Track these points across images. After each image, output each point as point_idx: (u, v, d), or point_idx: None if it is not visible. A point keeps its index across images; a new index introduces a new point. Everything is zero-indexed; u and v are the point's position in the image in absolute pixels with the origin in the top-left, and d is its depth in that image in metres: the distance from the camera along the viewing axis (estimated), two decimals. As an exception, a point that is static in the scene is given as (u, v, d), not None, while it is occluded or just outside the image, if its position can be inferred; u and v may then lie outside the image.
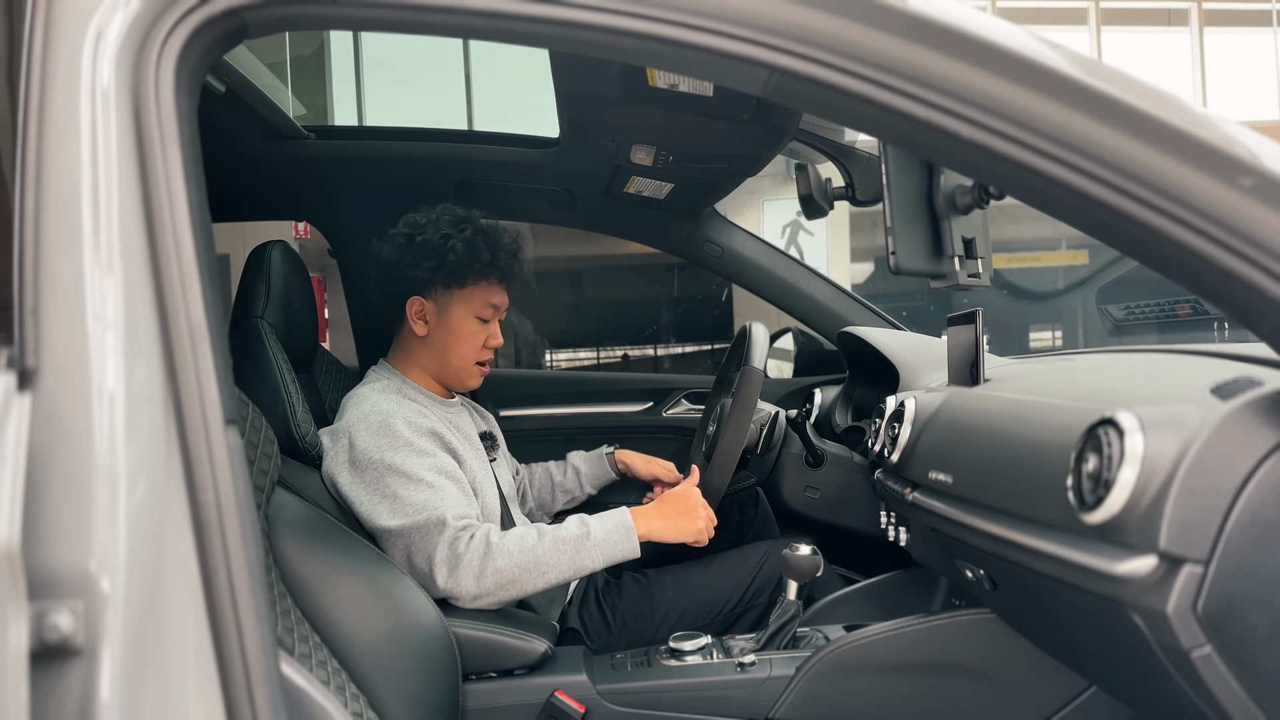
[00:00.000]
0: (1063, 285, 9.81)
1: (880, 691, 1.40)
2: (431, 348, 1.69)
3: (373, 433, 1.50)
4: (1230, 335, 6.92)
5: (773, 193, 7.94)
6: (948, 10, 0.74)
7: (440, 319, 1.67)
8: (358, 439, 1.50)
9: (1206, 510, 0.81)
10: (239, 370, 1.49)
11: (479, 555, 1.40)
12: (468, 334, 1.68)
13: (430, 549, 1.41)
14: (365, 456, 1.48)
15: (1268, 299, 0.72)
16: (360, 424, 1.52)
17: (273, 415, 1.40)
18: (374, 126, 3.90)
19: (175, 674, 0.62)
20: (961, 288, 0.99)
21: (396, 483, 1.46)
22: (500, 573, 1.40)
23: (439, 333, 1.68)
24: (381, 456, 1.47)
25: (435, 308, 1.67)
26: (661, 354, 8.65)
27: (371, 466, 1.48)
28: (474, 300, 1.67)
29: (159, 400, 0.64)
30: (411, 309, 1.67)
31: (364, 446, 1.49)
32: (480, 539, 1.42)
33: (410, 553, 1.43)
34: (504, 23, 0.72)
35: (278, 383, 1.46)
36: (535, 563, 1.42)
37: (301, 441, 1.45)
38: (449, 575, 1.40)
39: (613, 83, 1.57)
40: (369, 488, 1.47)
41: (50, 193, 0.63)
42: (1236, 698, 0.85)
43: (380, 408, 1.54)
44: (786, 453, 1.98)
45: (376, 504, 1.46)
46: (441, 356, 1.69)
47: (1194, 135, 0.73)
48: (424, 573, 1.41)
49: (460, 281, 1.65)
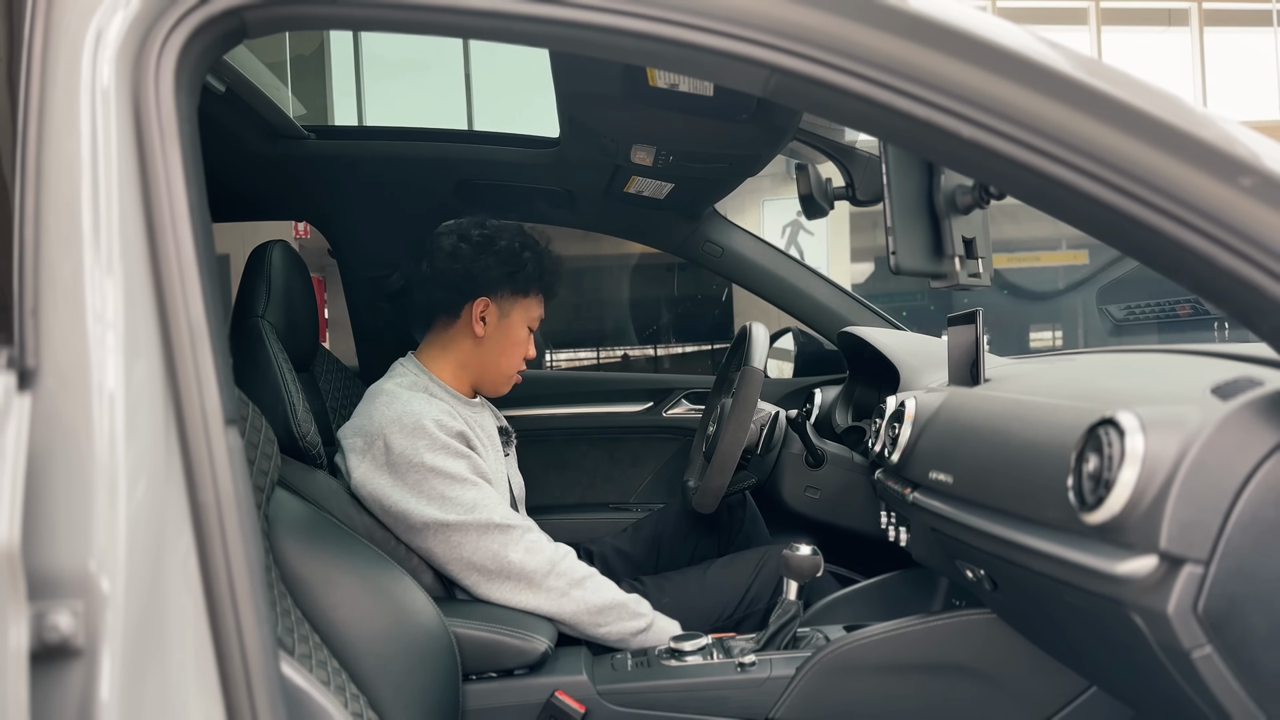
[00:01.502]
0: (1063, 285, 9.81)
1: (880, 691, 1.40)
2: (483, 350, 1.72)
3: (408, 434, 1.52)
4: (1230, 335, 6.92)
5: (773, 193, 7.94)
6: (948, 10, 0.74)
7: (500, 323, 1.71)
8: (394, 442, 1.51)
9: (1207, 510, 0.81)
10: (239, 370, 1.49)
11: (571, 578, 1.53)
12: (520, 342, 1.74)
13: (495, 548, 1.49)
14: (405, 459, 1.51)
15: (1268, 299, 0.72)
16: (394, 425, 1.53)
17: (273, 415, 1.40)
18: (374, 126, 3.90)
19: (175, 674, 0.62)
20: (962, 288, 0.98)
21: (442, 484, 1.51)
22: (576, 600, 1.52)
23: (496, 336, 1.71)
24: (422, 459, 1.50)
25: (498, 312, 1.71)
26: (661, 354, 8.66)
27: (413, 469, 1.50)
28: (530, 311, 1.74)
29: (159, 400, 0.64)
30: (477, 309, 1.70)
31: (402, 449, 1.51)
32: (570, 557, 1.56)
33: (462, 548, 1.49)
34: (504, 23, 0.72)
35: (278, 382, 1.46)
36: (604, 608, 1.54)
37: (302, 441, 1.45)
38: (525, 572, 1.50)
39: (613, 82, 1.57)
40: (413, 490, 1.50)
41: (50, 193, 0.63)
42: (1237, 698, 0.85)
43: (412, 408, 1.55)
44: (786, 453, 1.98)
45: (424, 504, 1.50)
46: (491, 360, 1.72)
47: (1194, 135, 0.73)
48: (488, 569, 1.49)
49: (524, 291, 1.72)
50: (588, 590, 1.53)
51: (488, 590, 1.50)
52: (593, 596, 1.53)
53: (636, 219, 2.37)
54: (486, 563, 1.49)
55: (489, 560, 1.49)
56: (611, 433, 2.60)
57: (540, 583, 1.51)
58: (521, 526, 1.54)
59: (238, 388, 1.48)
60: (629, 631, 1.55)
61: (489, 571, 1.50)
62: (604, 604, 1.54)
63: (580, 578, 1.54)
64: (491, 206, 2.37)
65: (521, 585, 1.50)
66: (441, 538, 1.50)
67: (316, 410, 1.77)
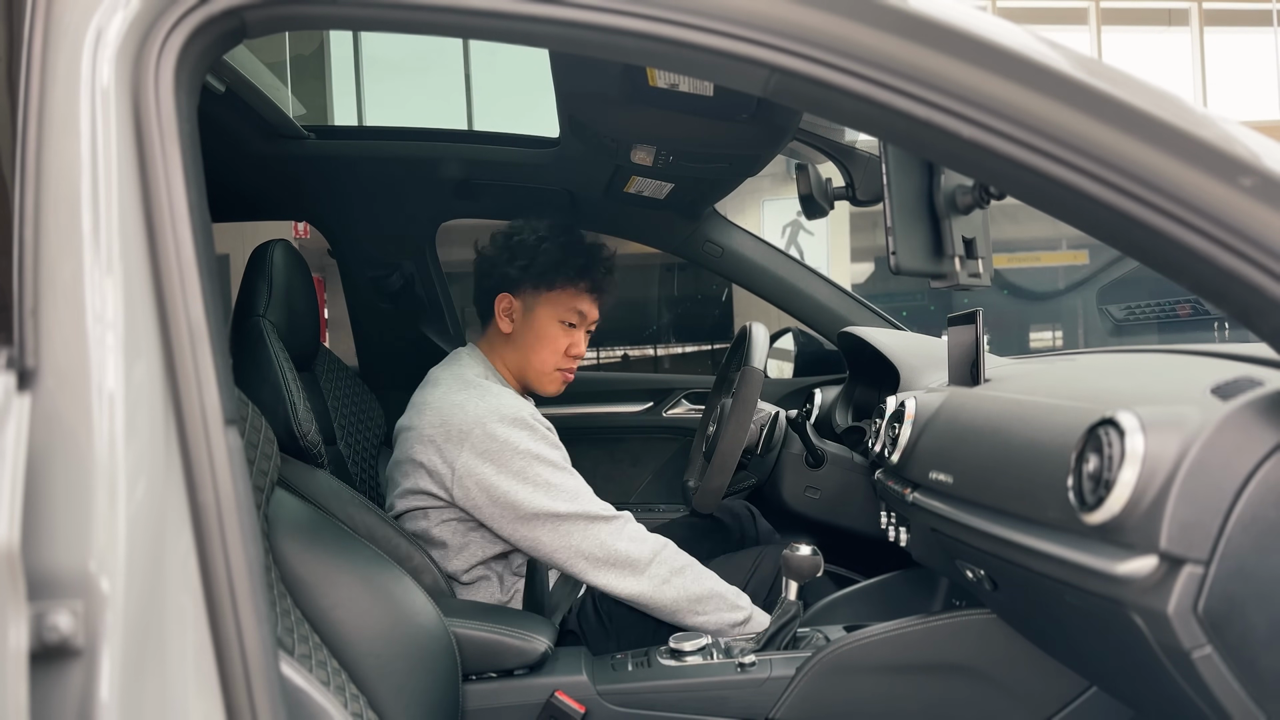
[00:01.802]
0: (1063, 285, 9.81)
1: (880, 692, 1.40)
2: (515, 347, 1.74)
3: (509, 424, 1.56)
4: (1230, 335, 6.92)
5: (773, 193, 7.94)
6: (948, 10, 0.74)
7: (525, 318, 1.72)
8: (496, 431, 1.55)
9: (1207, 510, 0.81)
10: (240, 369, 1.49)
11: (672, 565, 1.56)
12: (550, 337, 1.72)
13: (604, 537, 1.54)
14: (511, 447, 1.55)
15: (1268, 299, 0.72)
16: (493, 416, 1.57)
17: (274, 414, 1.40)
18: (374, 126, 3.90)
19: (175, 674, 0.61)
20: (962, 288, 0.98)
21: (546, 471, 1.55)
22: (677, 587, 1.55)
23: (523, 332, 1.73)
24: (528, 447, 1.55)
25: (522, 307, 1.72)
26: (661, 354, 8.65)
27: (518, 455, 1.55)
28: (559, 305, 1.72)
29: (159, 400, 0.64)
30: (500, 305, 1.72)
31: (506, 438, 1.55)
32: (670, 546, 1.59)
33: (571, 536, 1.54)
34: (504, 23, 0.72)
35: (279, 381, 1.46)
36: (704, 597, 1.57)
37: (303, 440, 1.45)
38: (631, 560, 1.54)
39: (613, 82, 1.57)
40: (518, 477, 1.54)
41: (50, 193, 0.63)
42: (1237, 698, 0.85)
43: (506, 401, 1.60)
44: (786, 453, 1.98)
45: (532, 491, 1.54)
46: (524, 357, 1.74)
47: (1194, 135, 0.73)
48: (596, 556, 1.54)
49: (548, 284, 1.71)
50: (688, 578, 1.57)
51: (594, 577, 1.55)
52: (693, 585, 1.57)
53: (636, 219, 2.37)
54: (595, 550, 1.54)
55: (597, 548, 1.54)
56: (611, 433, 2.60)
57: (644, 569, 1.55)
58: (622, 516, 1.59)
59: (238, 387, 1.49)
60: (727, 622, 1.58)
61: (597, 559, 1.54)
62: (704, 593, 1.57)
63: (681, 566, 1.58)
64: (491, 206, 2.38)
65: (626, 572, 1.55)
66: (550, 527, 1.54)
67: (317, 410, 1.77)
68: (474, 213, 2.40)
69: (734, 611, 1.58)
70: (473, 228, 2.65)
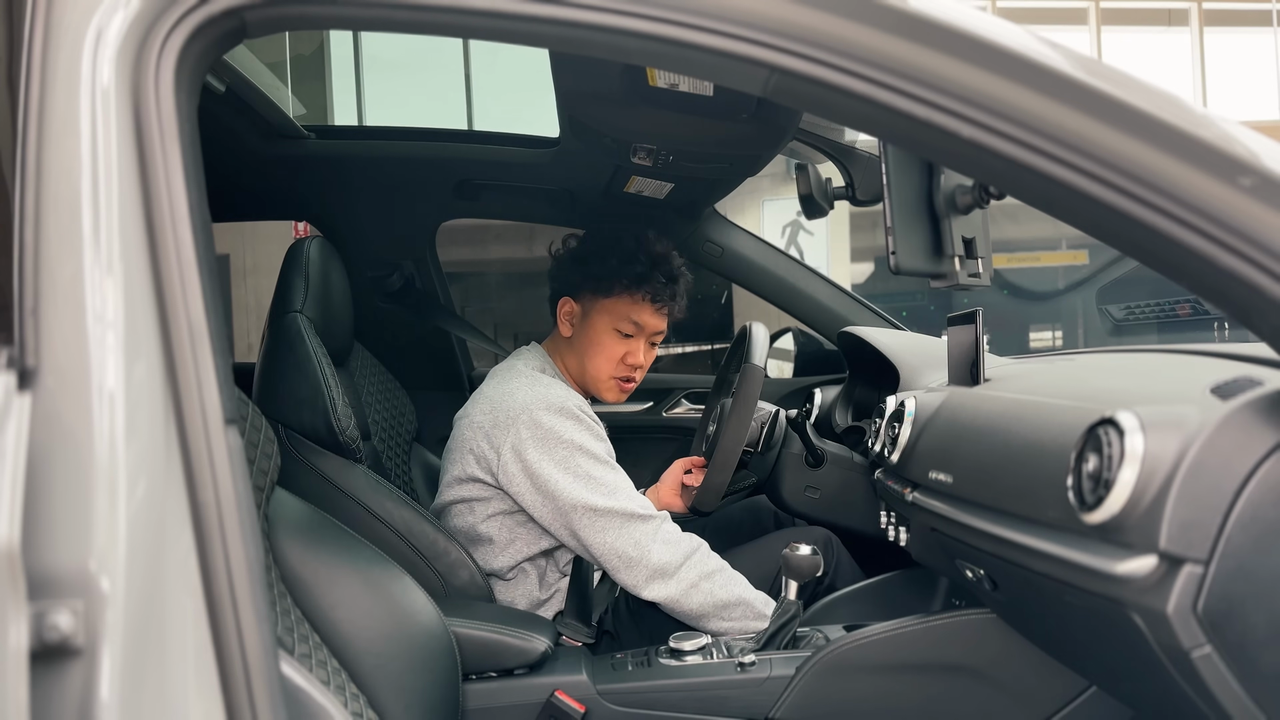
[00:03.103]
0: (1063, 285, 9.81)
1: (880, 691, 1.40)
2: (574, 351, 1.76)
3: (555, 413, 1.58)
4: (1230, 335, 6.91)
5: (773, 193, 7.94)
6: (948, 10, 0.74)
7: (583, 324, 1.74)
8: (542, 419, 1.57)
9: (1207, 510, 0.81)
10: (279, 364, 1.49)
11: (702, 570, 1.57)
12: (605, 345, 1.72)
13: (639, 536, 1.55)
14: (555, 435, 1.57)
15: (1268, 299, 0.72)
16: (540, 403, 1.59)
17: (313, 409, 1.41)
18: (374, 126, 3.90)
19: (175, 674, 0.62)
20: (961, 288, 0.98)
21: (588, 462, 1.57)
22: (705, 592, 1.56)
23: (580, 337, 1.74)
24: (571, 436, 1.57)
25: (580, 312, 1.74)
26: (661, 354, 8.64)
27: (561, 444, 1.56)
28: (616, 313, 1.71)
29: (159, 400, 0.64)
30: (561, 309, 1.75)
31: (551, 425, 1.57)
32: (703, 549, 1.60)
33: (607, 532, 1.55)
34: (504, 23, 0.72)
35: (318, 377, 1.46)
36: (730, 604, 1.58)
37: (342, 435, 1.46)
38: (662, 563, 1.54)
39: (613, 82, 1.57)
40: (560, 466, 1.56)
41: (50, 193, 0.63)
42: (1236, 698, 0.85)
43: (555, 391, 1.62)
44: (786, 452, 1.98)
45: (572, 481, 1.55)
46: (581, 362, 1.76)
47: (1194, 135, 0.73)
48: (630, 556, 1.55)
49: (606, 291, 1.71)
50: (716, 584, 1.57)
51: (625, 576, 1.56)
52: (720, 591, 1.57)
53: (636, 219, 2.37)
54: (629, 549, 1.55)
55: (631, 547, 1.55)
56: (611, 433, 2.60)
57: (674, 573, 1.56)
58: (659, 517, 1.59)
59: (276, 382, 1.49)
60: (752, 630, 1.58)
61: (629, 559, 1.55)
62: (731, 599, 1.58)
63: (711, 570, 1.58)
64: (492, 206, 2.37)
65: (656, 574, 1.55)
66: (588, 520, 1.55)
67: (354, 405, 1.77)
68: (474, 213, 2.40)
69: (758, 620, 1.58)
70: (473, 228, 2.65)
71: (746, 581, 1.62)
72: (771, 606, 1.60)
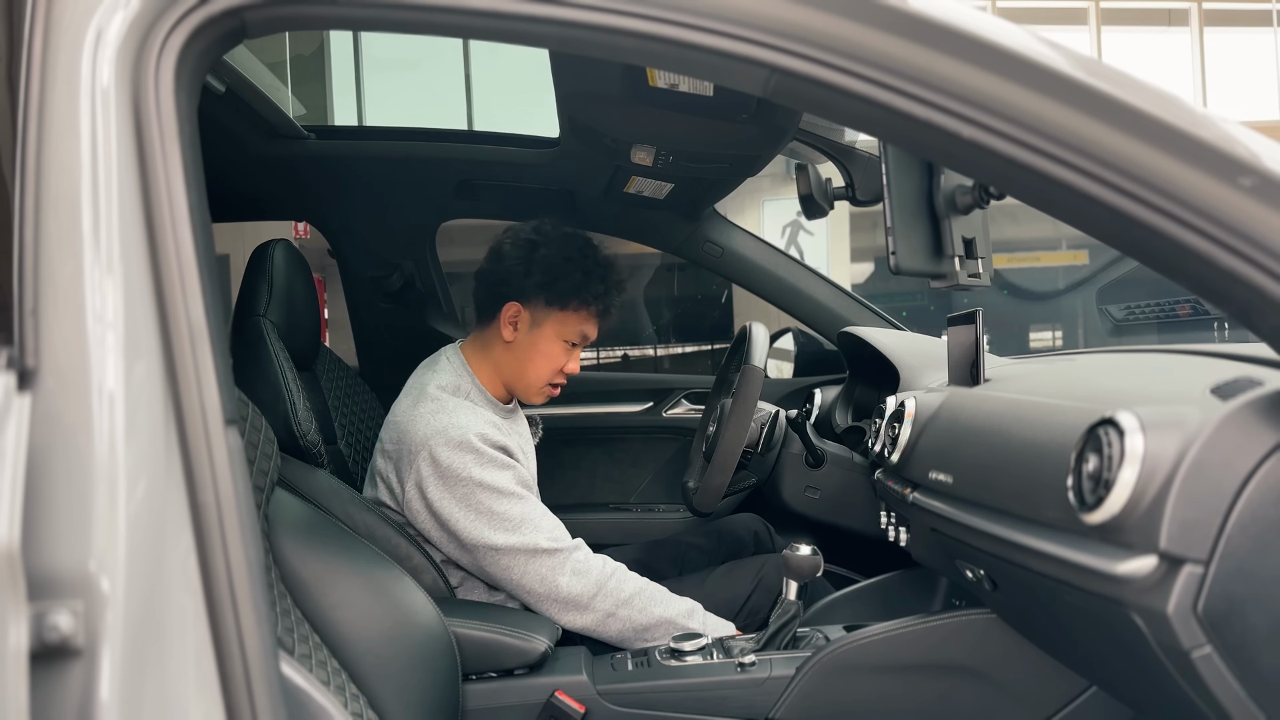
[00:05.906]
0: (1063, 285, 9.80)
1: (880, 691, 1.40)
2: (513, 356, 1.69)
3: (454, 448, 1.53)
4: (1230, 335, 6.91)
5: (773, 193, 7.94)
6: (948, 10, 0.74)
7: (530, 332, 1.67)
8: (440, 454, 1.53)
9: (1207, 510, 0.81)
10: (240, 368, 1.49)
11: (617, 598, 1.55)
12: (551, 354, 1.68)
13: (544, 572, 1.52)
14: (453, 472, 1.52)
15: (1268, 299, 0.72)
16: (439, 438, 1.53)
17: (274, 413, 1.40)
18: (374, 126, 3.90)
19: (175, 674, 0.62)
20: (961, 288, 0.99)
21: (489, 498, 1.52)
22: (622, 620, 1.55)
23: (524, 344, 1.68)
24: (470, 473, 1.52)
25: (529, 319, 1.67)
26: (661, 354, 8.64)
27: (461, 482, 1.52)
28: (568, 325, 1.68)
29: (159, 400, 0.64)
30: (506, 313, 1.66)
31: (449, 463, 1.52)
32: (618, 574, 1.57)
33: (511, 571, 1.52)
34: (504, 23, 0.72)
35: (279, 381, 1.46)
36: (649, 626, 1.56)
37: (303, 440, 1.45)
38: (572, 597, 1.53)
39: (613, 82, 1.57)
40: (462, 503, 1.52)
41: (50, 193, 0.63)
42: (1237, 698, 0.85)
43: (458, 420, 1.56)
44: (786, 453, 1.98)
45: (473, 520, 1.52)
46: (519, 367, 1.69)
47: (1194, 135, 0.73)
48: (537, 592, 1.52)
49: (562, 304, 1.66)
50: (634, 609, 1.55)
51: (540, 608, 1.54)
52: (639, 616, 1.55)
53: (636, 219, 2.37)
54: (535, 586, 1.53)
55: (538, 584, 1.52)
56: (611, 433, 2.60)
57: (587, 604, 1.54)
58: (567, 548, 1.55)
59: (238, 387, 1.49)
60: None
61: (538, 595, 1.53)
62: (650, 623, 1.56)
63: (627, 597, 1.56)
64: (491, 206, 2.38)
65: (568, 607, 1.53)
66: (492, 559, 1.53)
67: (318, 409, 1.77)
68: (474, 213, 2.40)
69: (685, 629, 1.56)
70: (473, 228, 2.65)
71: (668, 595, 1.59)
72: (697, 615, 1.60)
